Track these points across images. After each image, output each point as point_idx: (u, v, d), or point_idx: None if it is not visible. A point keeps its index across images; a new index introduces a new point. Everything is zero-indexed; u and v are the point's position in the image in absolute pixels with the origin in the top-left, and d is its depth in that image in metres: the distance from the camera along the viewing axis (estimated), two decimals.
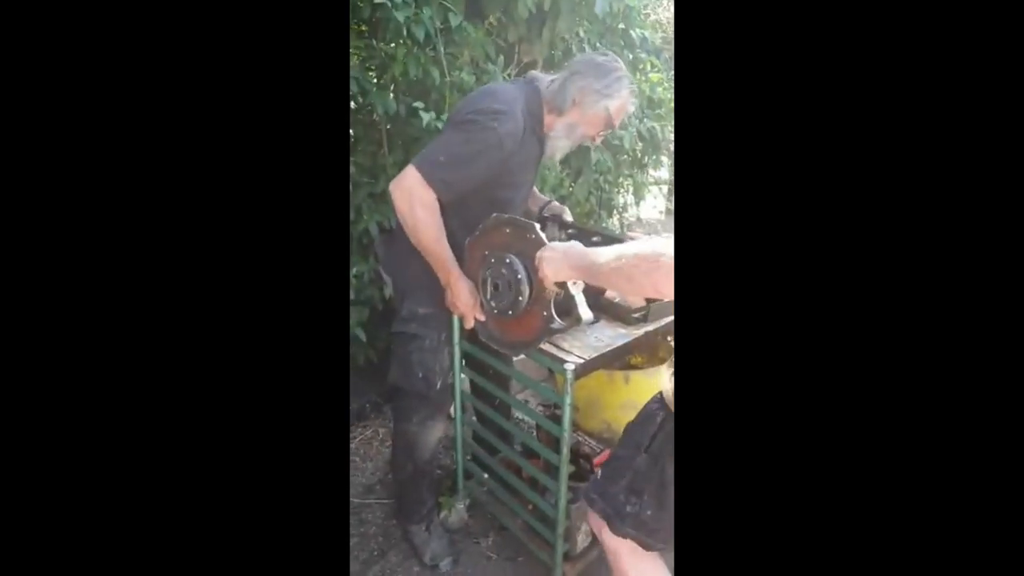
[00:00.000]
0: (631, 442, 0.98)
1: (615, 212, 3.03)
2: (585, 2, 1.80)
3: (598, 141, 1.28)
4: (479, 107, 1.13)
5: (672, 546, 0.96)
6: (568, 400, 1.12)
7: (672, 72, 2.90)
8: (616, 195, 2.96)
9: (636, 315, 1.26)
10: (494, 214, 1.09)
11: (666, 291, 0.75)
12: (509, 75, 2.12)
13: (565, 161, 2.48)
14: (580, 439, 1.62)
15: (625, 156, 2.74)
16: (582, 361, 1.12)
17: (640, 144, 2.79)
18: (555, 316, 1.01)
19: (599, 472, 1.02)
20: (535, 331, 1.05)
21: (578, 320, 0.98)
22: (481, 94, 1.20)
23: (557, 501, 1.23)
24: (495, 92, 1.19)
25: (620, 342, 1.20)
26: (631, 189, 2.99)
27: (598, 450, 1.57)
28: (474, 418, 1.59)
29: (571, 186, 2.53)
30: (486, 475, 1.53)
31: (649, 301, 1.26)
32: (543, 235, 0.99)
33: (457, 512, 1.60)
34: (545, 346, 1.17)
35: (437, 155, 1.12)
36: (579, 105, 1.19)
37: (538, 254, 0.98)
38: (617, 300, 1.28)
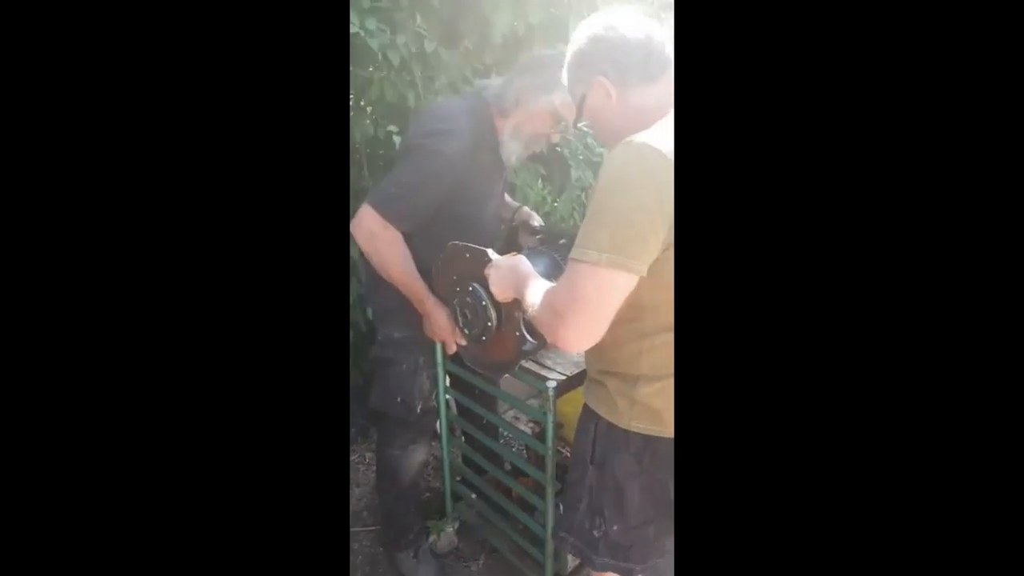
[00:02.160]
0: (578, 461, 0.96)
1: None
2: (558, 25, 1.84)
3: (556, 139, 1.22)
4: (422, 130, 1.14)
5: (652, 561, 0.94)
6: (551, 418, 1.12)
7: None
8: None
9: None
10: (451, 242, 1.09)
11: (569, 345, 0.73)
12: None
13: (547, 178, 2.51)
14: (567, 452, 1.61)
15: None
16: (564, 378, 1.12)
17: None
18: (527, 336, 1.01)
19: (561, 507, 0.99)
20: (511, 352, 1.05)
21: (544, 343, 0.99)
22: (423, 115, 1.21)
23: (545, 521, 1.21)
24: (437, 111, 1.19)
25: None
26: None
27: None
28: (462, 439, 1.58)
29: (554, 202, 2.55)
30: (475, 496, 1.51)
31: None
32: (497, 257, 1.00)
33: (446, 536, 1.57)
34: (529, 364, 1.17)
35: (389, 189, 1.12)
36: (522, 104, 1.14)
37: (485, 272, 0.98)
38: None
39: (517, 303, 1.00)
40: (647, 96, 0.80)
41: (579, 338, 0.73)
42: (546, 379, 1.12)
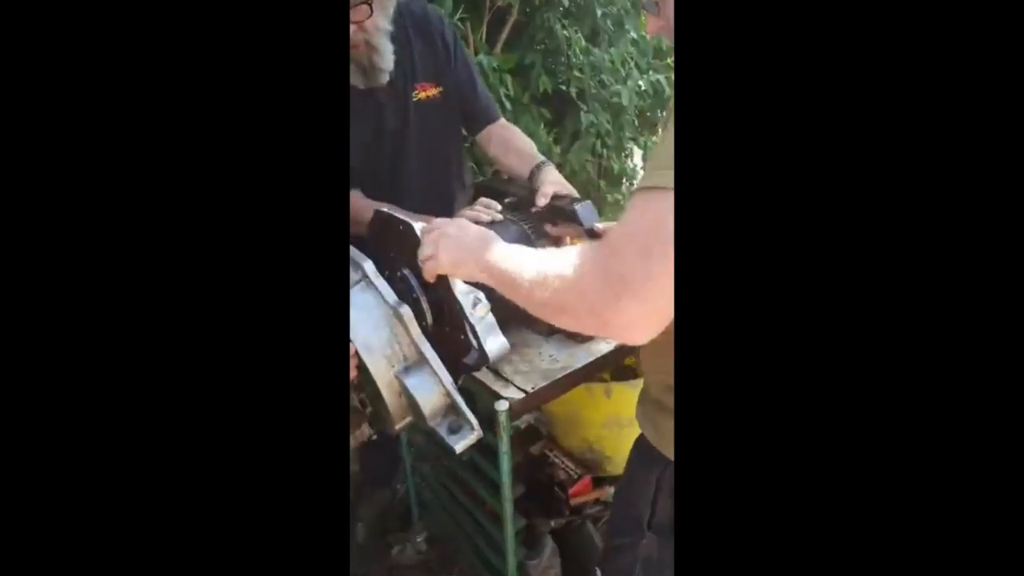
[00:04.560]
0: (629, 523, 0.71)
1: (623, 181, 2.65)
2: None
3: (361, 17, 0.95)
4: None
5: None
6: (504, 448, 0.85)
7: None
8: (621, 161, 2.59)
9: None
10: (376, 209, 0.83)
11: (639, 336, 0.49)
12: (461, 18, 1.78)
13: (554, 122, 2.14)
14: (556, 461, 1.37)
15: (627, 116, 2.37)
16: (523, 396, 0.85)
17: (647, 101, 2.41)
18: (473, 342, 0.74)
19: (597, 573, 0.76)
20: (450, 363, 0.78)
21: (485, 358, 0.71)
22: None
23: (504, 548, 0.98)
24: None
25: (581, 362, 0.92)
26: (638, 154, 2.63)
27: (576, 476, 1.31)
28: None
29: (566, 154, 2.20)
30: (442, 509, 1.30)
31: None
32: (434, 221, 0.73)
33: (414, 546, 1.38)
34: (480, 372, 0.90)
35: None
36: None
37: (422, 229, 0.70)
38: None
39: (450, 297, 0.74)
40: None
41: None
42: (499, 396, 0.84)
